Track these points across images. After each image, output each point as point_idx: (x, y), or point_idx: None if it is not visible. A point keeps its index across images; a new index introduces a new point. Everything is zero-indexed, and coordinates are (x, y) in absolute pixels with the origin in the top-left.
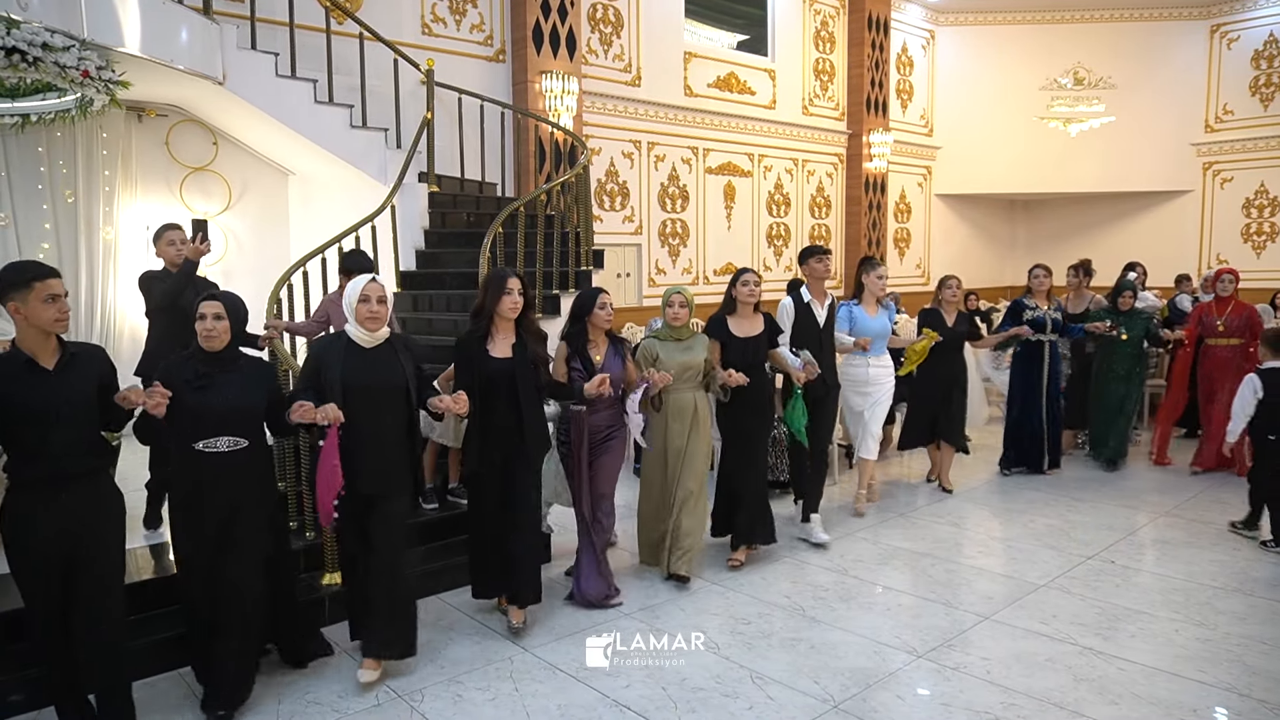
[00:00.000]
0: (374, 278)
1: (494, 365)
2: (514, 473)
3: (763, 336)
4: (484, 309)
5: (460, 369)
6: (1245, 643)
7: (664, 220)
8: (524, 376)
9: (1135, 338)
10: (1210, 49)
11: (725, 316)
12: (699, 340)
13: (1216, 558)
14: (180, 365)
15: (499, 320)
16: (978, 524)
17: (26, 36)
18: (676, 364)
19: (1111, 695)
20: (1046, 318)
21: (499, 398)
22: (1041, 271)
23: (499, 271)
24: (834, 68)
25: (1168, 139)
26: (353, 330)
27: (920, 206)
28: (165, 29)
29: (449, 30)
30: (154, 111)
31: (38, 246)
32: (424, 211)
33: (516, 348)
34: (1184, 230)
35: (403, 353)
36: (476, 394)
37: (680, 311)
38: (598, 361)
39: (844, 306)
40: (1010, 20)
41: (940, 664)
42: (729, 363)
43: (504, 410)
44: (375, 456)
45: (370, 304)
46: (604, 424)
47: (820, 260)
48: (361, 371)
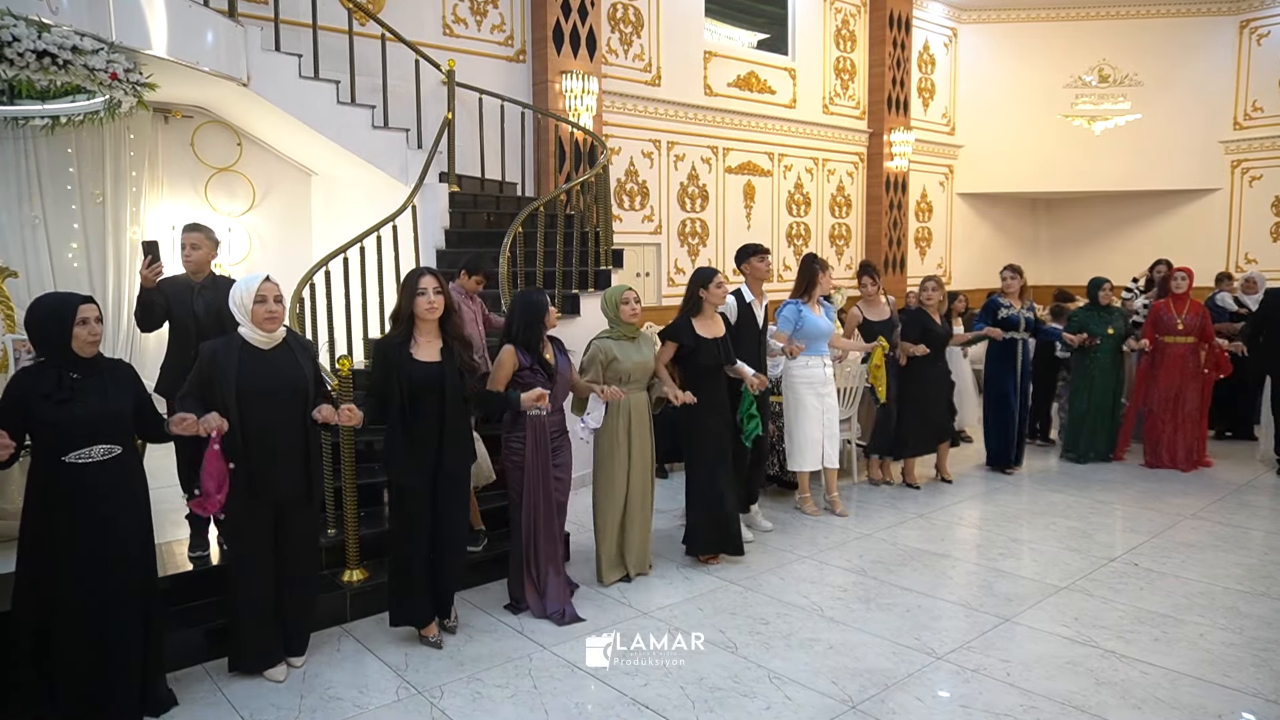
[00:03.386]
0: (268, 276)
1: (419, 371)
2: (439, 488)
3: (728, 335)
4: (401, 312)
5: (380, 375)
6: (1271, 647)
7: (684, 220)
8: (453, 384)
9: (1118, 336)
10: (1239, 45)
11: (690, 319)
12: (646, 338)
13: (1242, 560)
14: (37, 377)
15: (420, 323)
16: (998, 525)
17: (57, 40)
18: (634, 364)
19: (1134, 699)
20: (1020, 317)
21: (424, 406)
22: (1010, 273)
23: (413, 271)
24: (855, 66)
25: (1195, 137)
26: (248, 332)
27: (942, 206)
28: (191, 31)
29: (470, 31)
30: (180, 113)
31: (67, 246)
32: (445, 211)
33: (444, 352)
34: (1212, 229)
35: (301, 353)
36: (399, 402)
37: (637, 308)
38: (549, 362)
39: (791, 305)
40: (1034, 18)
41: (960, 666)
42: (701, 366)
43: (427, 420)
44: (276, 463)
45: (268, 304)
46: (555, 428)
47: (763, 260)
48: (260, 375)
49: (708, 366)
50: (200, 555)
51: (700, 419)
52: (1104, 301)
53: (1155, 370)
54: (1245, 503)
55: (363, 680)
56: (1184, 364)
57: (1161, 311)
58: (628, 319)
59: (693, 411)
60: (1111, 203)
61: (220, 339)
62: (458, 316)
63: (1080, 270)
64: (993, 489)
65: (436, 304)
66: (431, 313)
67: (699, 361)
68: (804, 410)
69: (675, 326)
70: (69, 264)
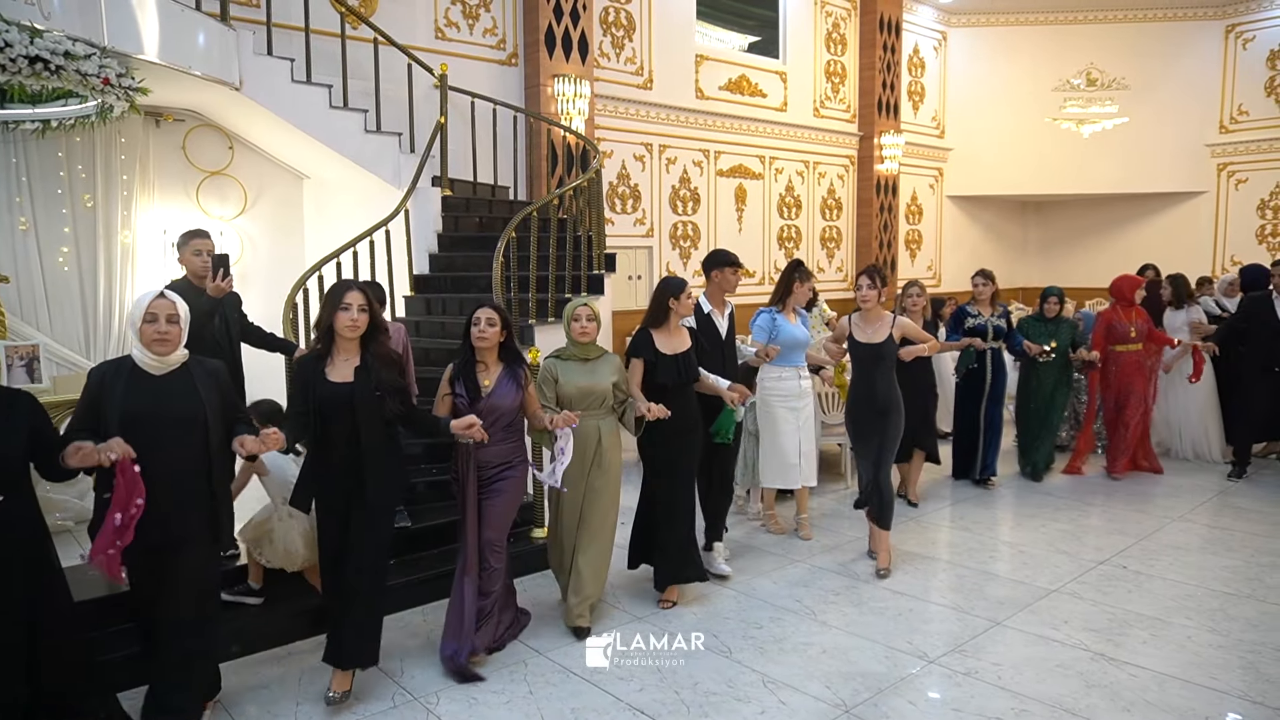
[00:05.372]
0: (162, 292)
1: (329, 391)
2: (351, 520)
3: (692, 350)
4: (321, 326)
5: (296, 393)
6: (1258, 649)
7: (675, 223)
8: (366, 406)
9: (1062, 348)
10: (1225, 49)
11: (652, 332)
12: (607, 361)
13: (1229, 563)
14: None
15: (339, 340)
16: (989, 529)
17: (49, 45)
18: (577, 388)
19: (1123, 702)
20: (988, 325)
21: (336, 430)
22: (981, 279)
23: (339, 284)
24: (845, 70)
25: (1182, 140)
26: (138, 354)
27: (932, 208)
28: (183, 35)
29: (462, 34)
30: (171, 116)
31: (57, 250)
32: (437, 215)
33: (359, 371)
34: (1198, 232)
35: (203, 380)
36: (311, 423)
37: (589, 326)
38: (485, 387)
39: (765, 313)
40: (1022, 21)
41: (951, 669)
42: (659, 384)
43: (342, 445)
44: (163, 500)
45: (158, 324)
46: (495, 459)
47: (735, 272)
48: (147, 401)
49: (665, 386)
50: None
51: (659, 442)
52: (1049, 314)
53: (1110, 379)
54: (1231, 505)
55: (358, 685)
56: (1139, 370)
57: (1113, 320)
58: (577, 337)
59: (650, 434)
60: (1100, 205)
61: (112, 361)
62: (385, 336)
63: (1070, 272)
64: (982, 493)
65: (359, 322)
66: (352, 330)
67: (655, 380)
68: (775, 425)
69: (635, 341)
70: (59, 268)
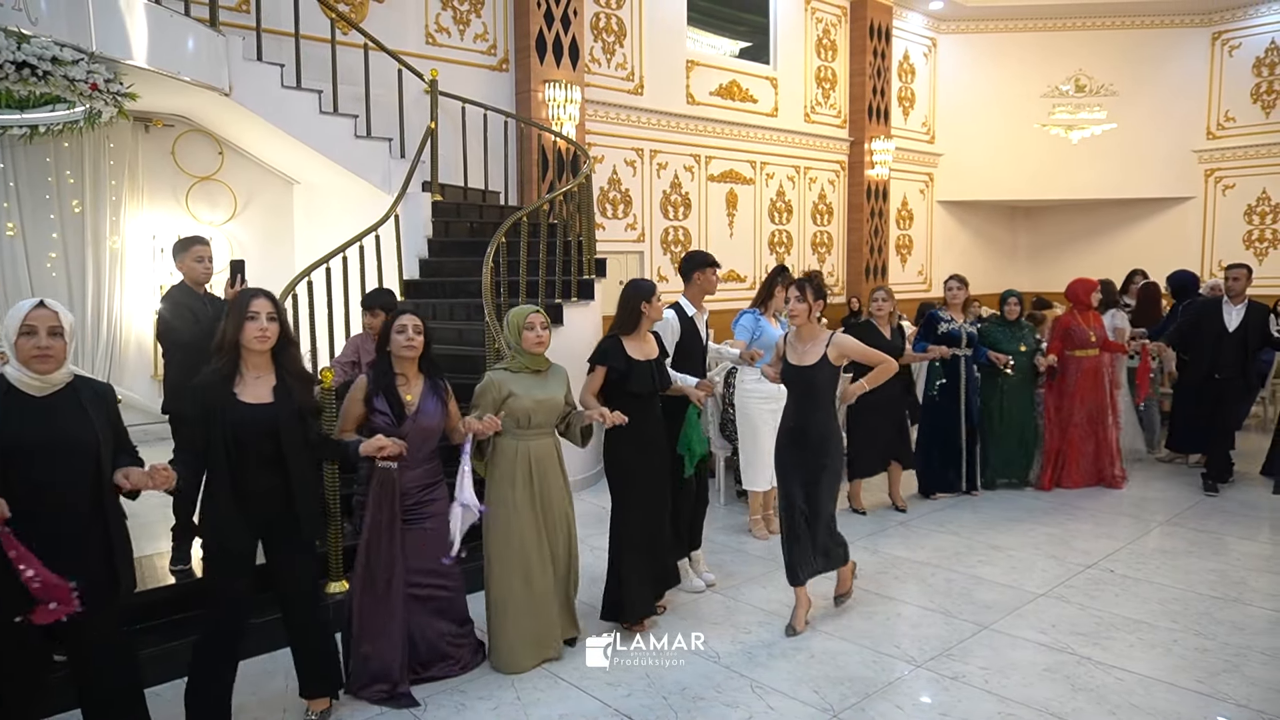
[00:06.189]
0: (42, 301)
1: (246, 414)
2: (279, 558)
3: (662, 357)
4: (225, 341)
5: (197, 420)
6: (1244, 652)
7: (666, 228)
8: (290, 429)
9: (1030, 353)
10: (1212, 56)
11: (621, 338)
12: (557, 372)
13: (1216, 567)
14: None
15: (248, 355)
16: (977, 533)
17: (36, 51)
18: (534, 401)
19: (1109, 705)
20: (961, 331)
21: (253, 455)
22: (955, 283)
23: (243, 291)
24: (836, 75)
25: (1170, 146)
26: (14, 373)
27: (922, 213)
28: (172, 41)
29: (453, 40)
30: (161, 122)
31: (45, 256)
32: (427, 221)
33: (279, 390)
34: (1186, 237)
35: (92, 402)
36: (222, 451)
37: (545, 334)
38: (409, 402)
39: (749, 314)
40: (1012, 28)
41: (939, 673)
42: (632, 393)
43: (262, 473)
44: (51, 548)
45: (38, 337)
46: (418, 483)
47: (715, 273)
48: (27, 426)
49: (640, 395)
50: (183, 569)
51: (630, 456)
52: (1011, 316)
53: (1070, 386)
54: (1219, 509)
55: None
56: (1098, 377)
57: (1071, 325)
58: (531, 348)
59: (620, 447)
60: (1089, 210)
61: None
62: (294, 349)
63: (1059, 277)
64: (970, 498)
65: (269, 331)
66: (262, 342)
67: (629, 389)
68: (754, 426)
69: (603, 348)
70: (47, 274)
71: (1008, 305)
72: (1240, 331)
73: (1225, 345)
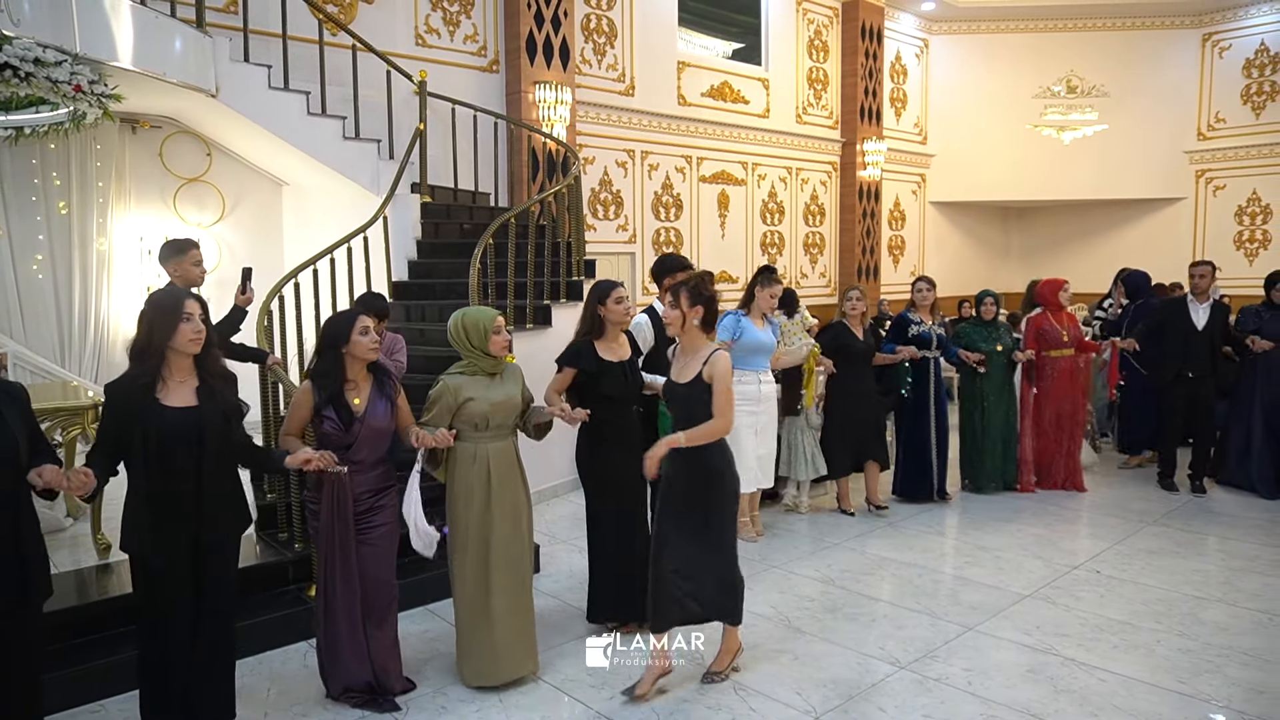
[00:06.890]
0: None
1: (171, 419)
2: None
3: (635, 358)
4: (151, 345)
5: (113, 424)
6: (1227, 654)
7: (658, 229)
8: (215, 433)
9: (1007, 352)
10: (1202, 57)
11: (592, 341)
12: (513, 371)
13: (1200, 568)
14: None
15: (174, 359)
16: (964, 534)
17: (18, 52)
18: (491, 404)
19: (1092, 706)
20: (931, 334)
21: (178, 460)
22: (925, 284)
23: (169, 292)
24: (828, 76)
25: (1160, 147)
26: None
27: (914, 214)
28: (158, 42)
29: (442, 41)
30: (148, 123)
31: (32, 258)
32: (416, 222)
33: (202, 393)
34: (1177, 238)
35: (7, 406)
36: (143, 458)
37: (506, 338)
38: (357, 406)
39: (731, 315)
40: (1003, 29)
41: (923, 675)
42: (604, 395)
43: (186, 477)
44: None
45: None
46: (369, 487)
47: None
48: None
49: (612, 397)
50: None
51: (604, 458)
52: (987, 316)
53: (1044, 386)
54: (1205, 509)
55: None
56: (1073, 378)
57: (1044, 325)
58: (498, 352)
59: (595, 449)
60: (1080, 211)
61: None
62: (215, 349)
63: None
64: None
65: (203, 333)
66: (197, 344)
67: (601, 391)
68: (736, 431)
69: (573, 350)
70: (34, 276)
71: (984, 305)
72: (1209, 329)
73: (1196, 344)
